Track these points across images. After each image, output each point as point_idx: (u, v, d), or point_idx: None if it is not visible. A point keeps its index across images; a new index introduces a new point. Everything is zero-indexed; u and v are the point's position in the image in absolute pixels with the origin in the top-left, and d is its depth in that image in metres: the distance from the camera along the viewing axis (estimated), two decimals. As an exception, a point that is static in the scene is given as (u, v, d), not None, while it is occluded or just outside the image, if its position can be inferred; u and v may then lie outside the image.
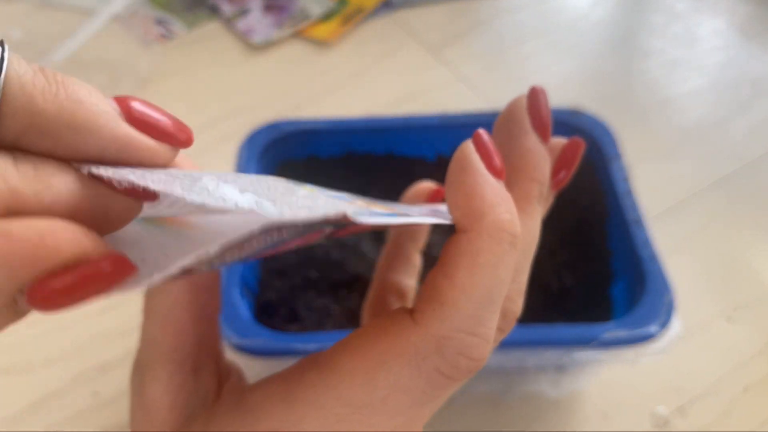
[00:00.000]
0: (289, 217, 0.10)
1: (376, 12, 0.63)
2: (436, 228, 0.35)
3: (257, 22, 0.60)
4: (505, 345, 0.27)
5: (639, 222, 0.31)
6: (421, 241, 0.23)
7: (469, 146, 0.14)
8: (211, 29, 0.60)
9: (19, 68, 0.10)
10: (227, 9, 0.61)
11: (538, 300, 0.33)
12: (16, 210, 0.10)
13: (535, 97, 0.16)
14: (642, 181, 0.35)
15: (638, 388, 0.36)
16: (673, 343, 0.27)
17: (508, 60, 0.58)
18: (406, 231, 0.22)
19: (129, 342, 0.37)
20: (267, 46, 0.58)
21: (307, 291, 0.34)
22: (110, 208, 0.11)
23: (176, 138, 0.12)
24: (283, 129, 0.36)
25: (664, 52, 0.58)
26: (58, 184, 0.10)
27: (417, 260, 0.23)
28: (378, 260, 0.23)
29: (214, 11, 0.62)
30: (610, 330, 0.27)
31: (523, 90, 0.17)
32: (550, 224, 0.36)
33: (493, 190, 0.14)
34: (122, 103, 0.11)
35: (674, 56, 0.58)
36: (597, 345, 0.27)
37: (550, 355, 0.28)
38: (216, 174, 0.13)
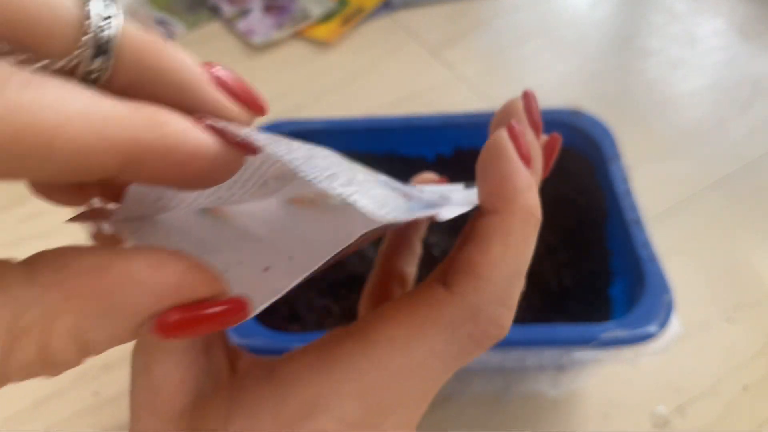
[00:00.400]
0: (392, 218, 0.11)
1: (376, 12, 0.63)
2: (434, 228, 0.35)
3: (258, 23, 0.60)
4: (506, 344, 0.27)
5: (638, 222, 0.31)
6: (423, 230, 0.24)
7: (504, 135, 0.15)
8: (212, 30, 0.60)
9: (130, 28, 0.11)
10: (228, 10, 0.61)
11: (538, 300, 0.33)
12: (136, 158, 0.10)
13: (528, 99, 0.17)
14: (642, 182, 0.35)
15: (638, 388, 0.36)
16: (672, 343, 0.28)
17: (508, 60, 0.58)
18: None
19: (131, 342, 0.37)
20: (267, 46, 0.58)
21: (308, 291, 0.34)
22: (221, 159, 0.11)
23: (255, 105, 0.13)
24: (283, 129, 0.36)
25: (663, 53, 0.58)
26: (175, 133, 0.10)
27: (418, 248, 0.23)
28: (379, 251, 0.23)
29: (214, 12, 0.62)
30: (610, 330, 0.27)
31: (522, 89, 0.18)
32: (550, 224, 0.36)
33: (523, 176, 0.15)
34: (208, 67, 0.12)
35: (674, 56, 0.58)
36: (596, 344, 0.27)
37: (549, 355, 0.28)
38: (306, 147, 0.13)
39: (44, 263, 0.10)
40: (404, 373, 0.14)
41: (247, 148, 0.12)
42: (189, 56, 0.12)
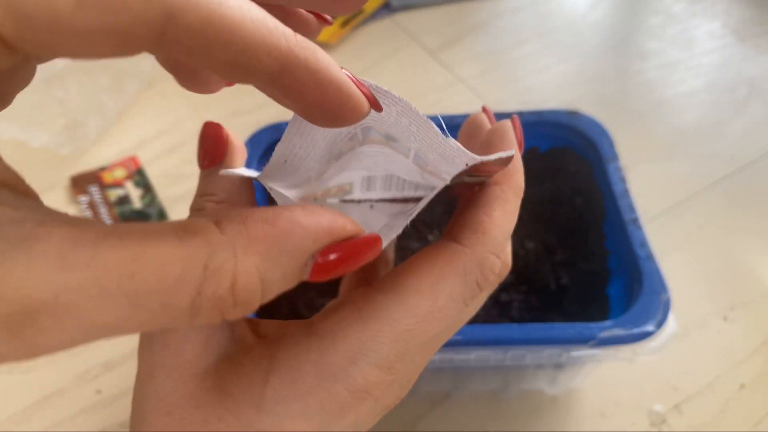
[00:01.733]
0: (481, 159, 0.15)
1: (375, 14, 0.63)
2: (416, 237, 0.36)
3: (258, 24, 0.60)
4: (505, 343, 0.27)
5: (636, 222, 0.31)
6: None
7: (508, 124, 0.20)
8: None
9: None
10: (228, 11, 0.62)
11: (536, 299, 0.34)
12: (290, 66, 0.12)
13: (487, 113, 0.22)
14: (639, 182, 0.35)
15: (635, 386, 0.36)
16: (669, 342, 0.28)
17: (507, 62, 0.58)
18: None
19: (133, 340, 0.37)
20: (267, 47, 0.59)
21: (308, 290, 0.34)
22: (356, 98, 0.13)
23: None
24: (284, 130, 0.37)
25: (661, 54, 0.59)
26: (324, 58, 0.13)
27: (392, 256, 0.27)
28: None
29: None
30: (608, 329, 0.27)
31: (521, 90, 0.19)
32: (548, 224, 0.36)
33: (519, 159, 0.19)
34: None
35: (671, 58, 0.58)
36: (594, 343, 0.27)
37: (548, 354, 0.28)
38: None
39: (228, 218, 0.12)
40: (429, 317, 0.16)
41: (374, 104, 0.14)
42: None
